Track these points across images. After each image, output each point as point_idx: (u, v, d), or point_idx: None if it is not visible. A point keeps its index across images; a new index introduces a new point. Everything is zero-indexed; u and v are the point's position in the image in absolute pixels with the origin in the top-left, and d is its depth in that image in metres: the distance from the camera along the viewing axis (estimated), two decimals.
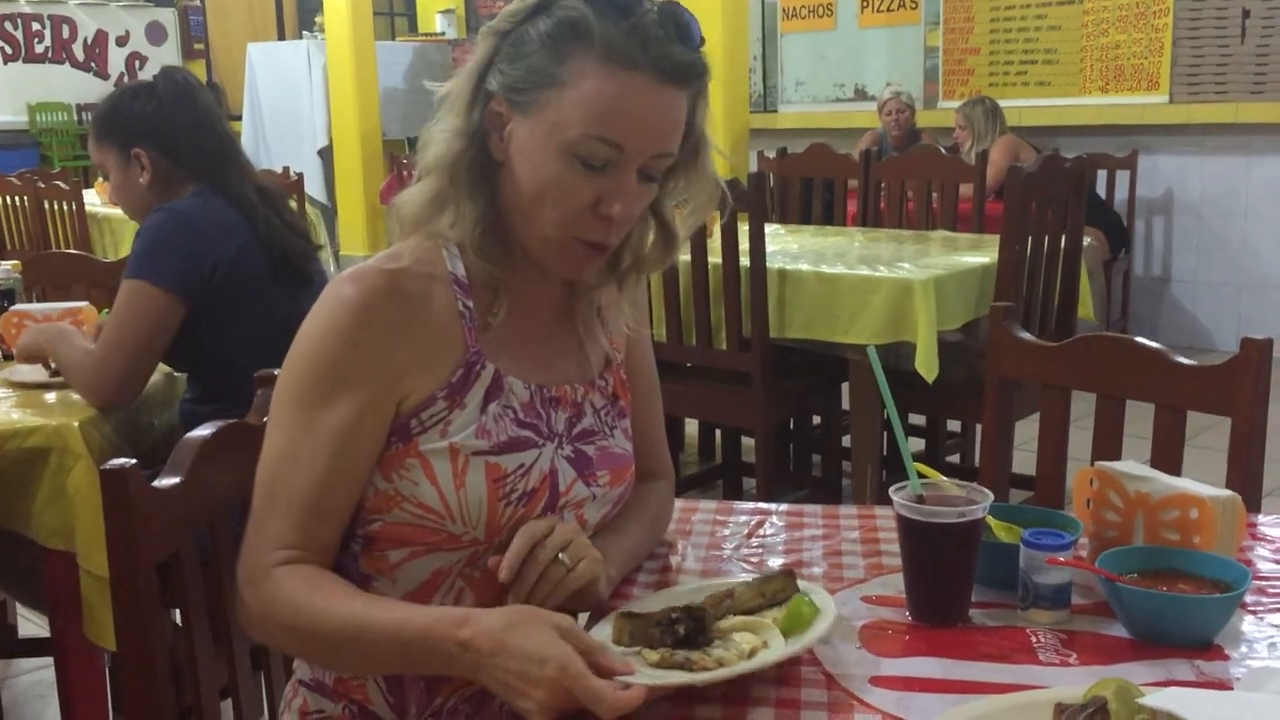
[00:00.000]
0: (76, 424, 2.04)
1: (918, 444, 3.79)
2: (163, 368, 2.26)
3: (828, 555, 1.39)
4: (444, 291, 1.19)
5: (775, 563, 1.37)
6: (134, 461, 1.11)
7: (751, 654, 1.06)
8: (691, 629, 1.07)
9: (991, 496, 1.21)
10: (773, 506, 1.54)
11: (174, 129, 2.19)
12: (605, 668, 0.98)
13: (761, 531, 1.46)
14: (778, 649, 1.07)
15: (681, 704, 1.05)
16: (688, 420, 4.05)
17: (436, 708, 1.19)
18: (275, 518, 1.13)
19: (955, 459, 3.99)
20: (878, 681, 1.09)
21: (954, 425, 3.95)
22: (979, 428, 3.87)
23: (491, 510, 1.15)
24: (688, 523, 1.49)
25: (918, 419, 3.73)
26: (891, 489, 1.23)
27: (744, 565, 1.35)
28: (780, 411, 3.38)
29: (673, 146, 1.16)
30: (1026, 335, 1.79)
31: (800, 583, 1.18)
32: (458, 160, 1.17)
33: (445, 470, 1.14)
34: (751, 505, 1.54)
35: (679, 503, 1.49)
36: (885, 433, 3.33)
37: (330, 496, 1.13)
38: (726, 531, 1.46)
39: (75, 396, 2.15)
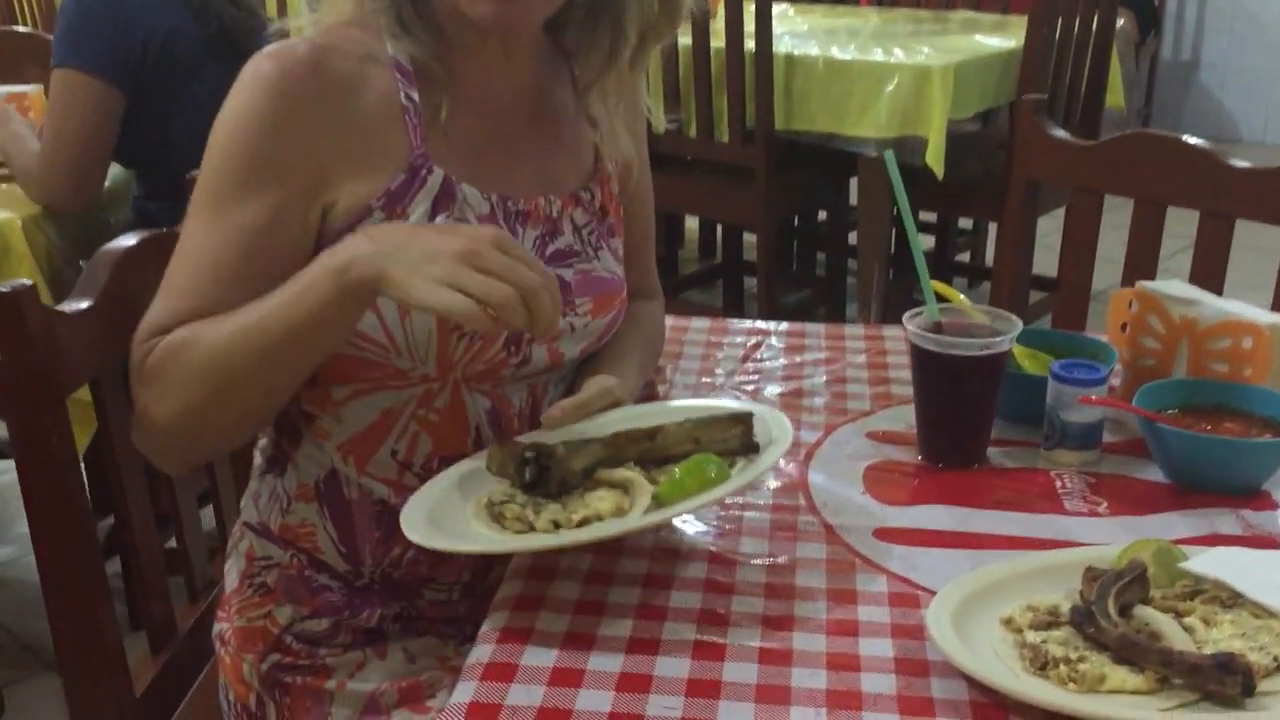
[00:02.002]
0: (19, 222, 1.88)
1: (926, 241, 3.62)
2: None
3: (830, 383, 1.25)
4: (383, 78, 1.01)
5: (773, 391, 1.23)
6: (29, 283, 0.96)
7: (583, 523, 0.89)
8: (535, 476, 0.93)
9: (1019, 325, 1.06)
10: (771, 326, 1.39)
11: None
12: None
13: (758, 355, 1.32)
14: (625, 522, 0.89)
15: (662, 559, 0.94)
16: (687, 217, 3.87)
17: (395, 558, 1.07)
18: (164, 303, 0.97)
19: (965, 257, 3.84)
20: (883, 535, 0.97)
21: (965, 221, 3.78)
22: (992, 225, 3.71)
23: (442, 343, 1.00)
24: (678, 344, 1.35)
25: (927, 216, 3.55)
26: (906, 316, 1.08)
27: (738, 395, 1.22)
28: (784, 208, 3.20)
29: None
30: (1060, 132, 1.60)
31: (759, 430, 0.97)
32: None
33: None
34: (749, 324, 1.40)
35: (668, 320, 1.35)
36: (894, 229, 3.17)
37: (233, 305, 0.95)
38: (720, 355, 1.32)
39: (19, 190, 1.98)
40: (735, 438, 0.96)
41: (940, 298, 1.10)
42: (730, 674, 0.80)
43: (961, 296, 1.14)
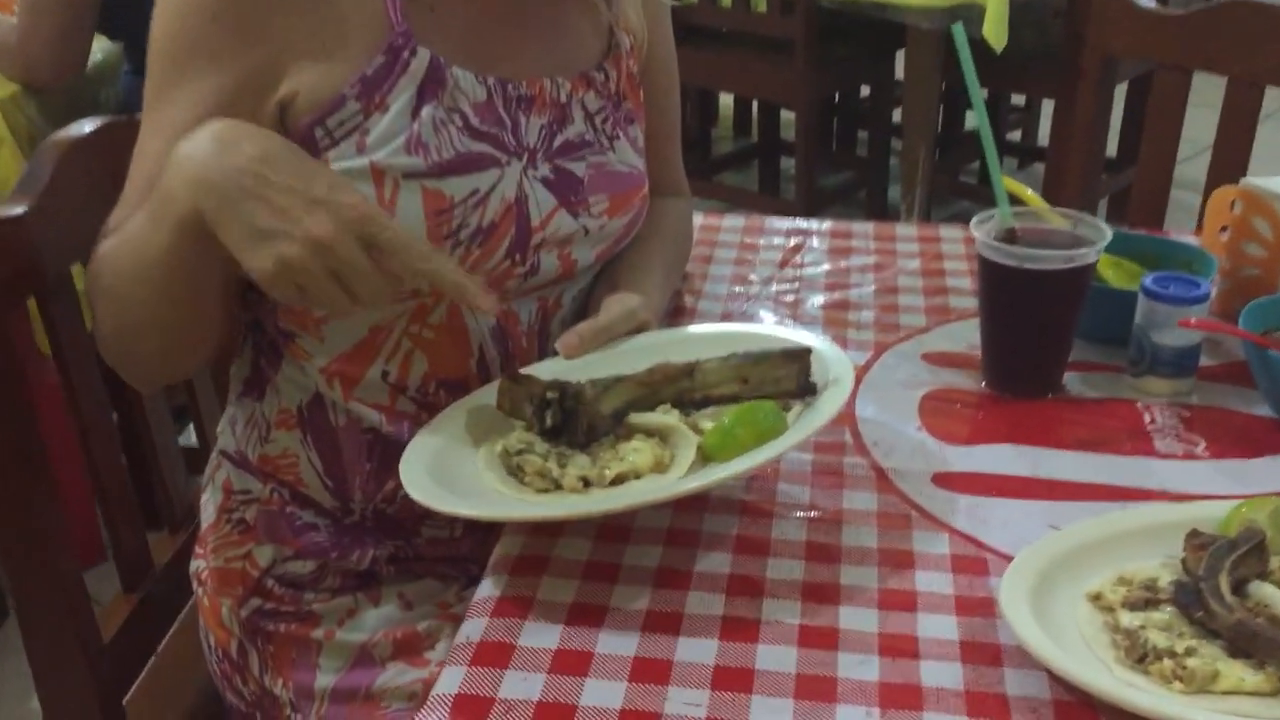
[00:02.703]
0: None
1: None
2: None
3: (880, 293, 1.10)
4: None
5: (815, 301, 1.09)
6: None
7: (618, 480, 0.76)
8: (558, 420, 0.80)
9: (1108, 233, 0.91)
10: (812, 225, 1.24)
11: None
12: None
13: (798, 259, 1.17)
14: (672, 484, 0.75)
15: (685, 509, 0.81)
16: (721, 93, 3.66)
17: (389, 493, 0.95)
18: (113, 211, 0.87)
19: (1016, 136, 3.63)
20: (943, 481, 0.84)
21: (1016, 97, 3.55)
22: (1045, 102, 3.48)
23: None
24: (709, 246, 1.20)
25: None
26: (974, 221, 0.92)
27: (775, 306, 1.08)
28: (825, 84, 3.00)
29: None
30: (1147, 1, 1.41)
31: (816, 367, 0.82)
32: None
33: (368, 199, 0.84)
34: (788, 224, 1.25)
35: (697, 218, 1.20)
36: (941, 106, 2.95)
37: None
38: (756, 258, 1.17)
39: None
40: (790, 377, 0.82)
41: (1013, 199, 0.95)
42: (764, 660, 0.67)
43: (1033, 193, 0.98)
